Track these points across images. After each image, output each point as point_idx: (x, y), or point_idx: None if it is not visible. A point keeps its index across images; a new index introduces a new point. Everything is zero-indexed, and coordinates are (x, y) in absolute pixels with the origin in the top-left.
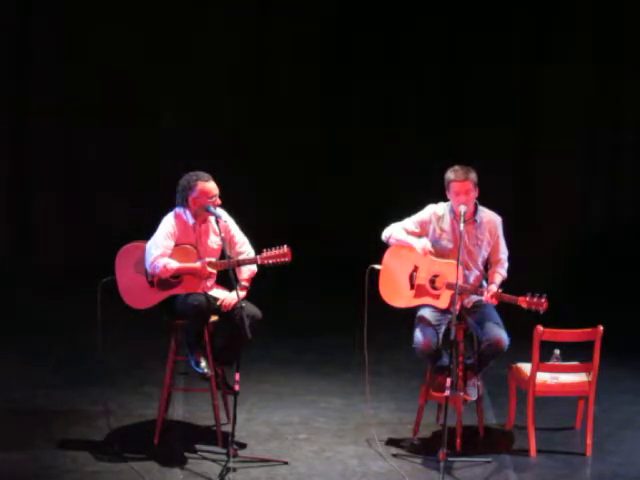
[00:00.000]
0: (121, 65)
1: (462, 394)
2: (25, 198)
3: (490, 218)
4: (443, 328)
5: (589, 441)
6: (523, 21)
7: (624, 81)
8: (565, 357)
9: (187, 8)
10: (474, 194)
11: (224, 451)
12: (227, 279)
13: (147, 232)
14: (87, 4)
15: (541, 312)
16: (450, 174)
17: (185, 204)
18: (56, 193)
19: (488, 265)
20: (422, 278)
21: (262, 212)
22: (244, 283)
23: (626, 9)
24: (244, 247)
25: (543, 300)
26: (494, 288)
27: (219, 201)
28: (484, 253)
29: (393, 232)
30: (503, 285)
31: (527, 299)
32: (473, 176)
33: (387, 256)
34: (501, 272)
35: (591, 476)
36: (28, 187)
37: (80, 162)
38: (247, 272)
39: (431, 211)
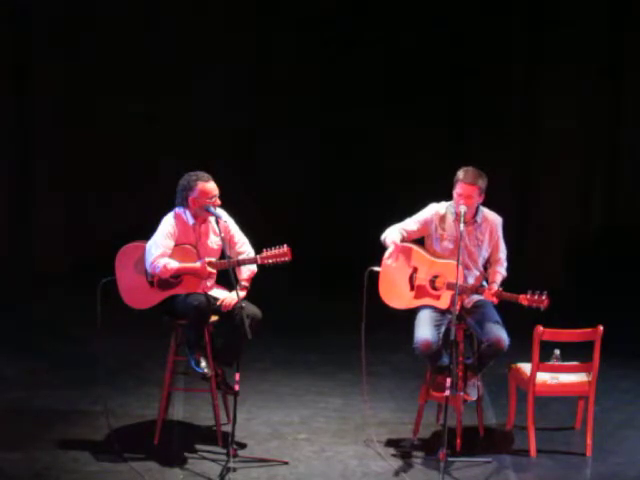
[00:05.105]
0: (120, 65)
1: (462, 394)
2: (25, 198)
3: (490, 219)
4: (443, 328)
5: (589, 441)
6: (523, 21)
7: (624, 81)
8: (565, 357)
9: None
10: (477, 200)
11: (224, 451)
12: (227, 279)
13: (147, 232)
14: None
15: (542, 309)
16: (460, 173)
17: (185, 204)
18: (56, 193)
19: (488, 265)
20: (422, 279)
21: (262, 212)
22: (244, 283)
23: (625, 8)
24: (244, 247)
25: (544, 297)
26: (495, 287)
27: (219, 201)
28: (484, 254)
29: (388, 234)
30: (503, 284)
31: (528, 297)
32: (481, 183)
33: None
34: (501, 271)
35: (591, 476)
36: (28, 187)
37: (80, 162)
38: (247, 272)
39: (433, 210)
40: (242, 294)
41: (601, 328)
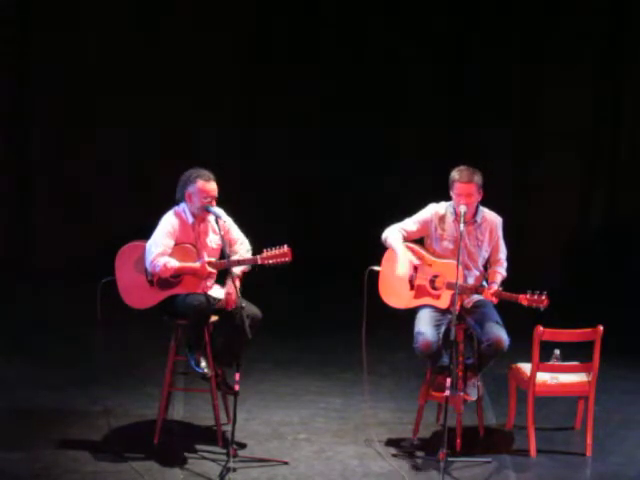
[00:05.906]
0: (121, 64)
1: (462, 394)
2: (26, 198)
3: (490, 219)
4: (443, 328)
5: (589, 441)
6: (524, 21)
7: (624, 81)
8: (565, 357)
9: None
10: (477, 197)
11: (224, 451)
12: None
13: (147, 232)
14: None
15: (542, 309)
16: (455, 174)
17: (183, 199)
18: (57, 193)
19: (487, 265)
20: (422, 278)
21: (262, 212)
22: (237, 272)
23: (625, 9)
24: (242, 246)
25: (544, 297)
26: (495, 287)
27: (214, 203)
28: (484, 254)
29: (389, 234)
30: (502, 284)
31: (527, 297)
32: (477, 179)
33: (386, 257)
34: (501, 271)
35: (591, 476)
36: (29, 187)
37: (80, 162)
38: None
39: (433, 210)
40: (238, 284)
41: (601, 328)
